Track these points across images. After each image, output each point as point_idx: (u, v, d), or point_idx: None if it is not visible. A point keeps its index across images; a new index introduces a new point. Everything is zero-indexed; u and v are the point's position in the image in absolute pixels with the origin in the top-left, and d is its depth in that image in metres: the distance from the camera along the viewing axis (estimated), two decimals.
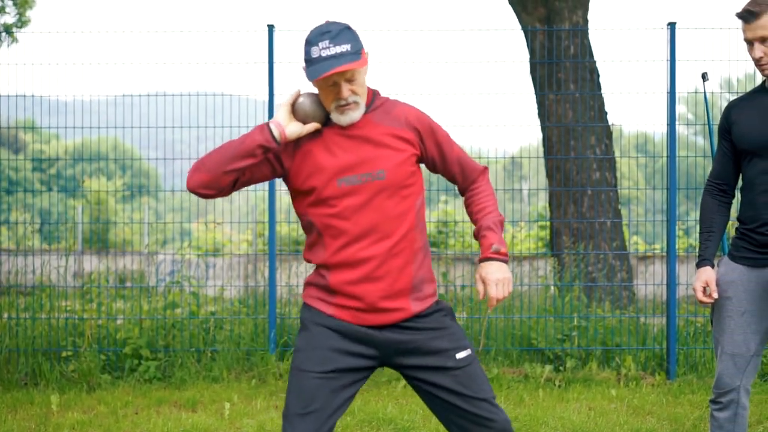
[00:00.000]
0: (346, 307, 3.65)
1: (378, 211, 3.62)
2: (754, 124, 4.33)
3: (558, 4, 11.23)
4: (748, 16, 4.23)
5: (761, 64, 4.27)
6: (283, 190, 10.28)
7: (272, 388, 7.92)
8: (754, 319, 4.35)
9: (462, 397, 3.67)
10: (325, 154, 3.65)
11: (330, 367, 3.62)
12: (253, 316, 8.81)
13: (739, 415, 4.43)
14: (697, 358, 8.55)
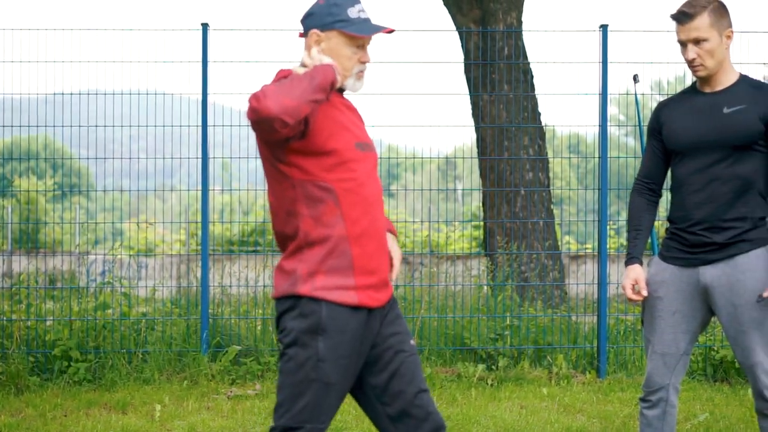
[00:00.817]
0: (365, 287, 3.53)
1: (376, 181, 3.67)
2: (686, 125, 4.38)
3: (492, 6, 11.29)
4: (683, 18, 4.28)
5: (694, 66, 4.33)
6: (217, 190, 10.20)
7: (204, 389, 7.86)
8: (685, 319, 4.40)
9: (407, 383, 3.64)
10: (339, 117, 3.61)
11: (352, 378, 3.58)
12: (185, 316, 8.74)
13: (668, 413, 4.48)
14: (627, 356, 8.64)
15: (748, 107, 4.29)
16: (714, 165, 4.30)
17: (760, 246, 4.30)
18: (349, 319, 3.50)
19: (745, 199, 4.30)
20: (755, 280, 4.26)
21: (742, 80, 4.39)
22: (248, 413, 7.05)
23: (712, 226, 4.31)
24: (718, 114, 4.32)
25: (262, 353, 8.46)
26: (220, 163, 10.69)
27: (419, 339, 8.57)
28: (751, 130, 4.26)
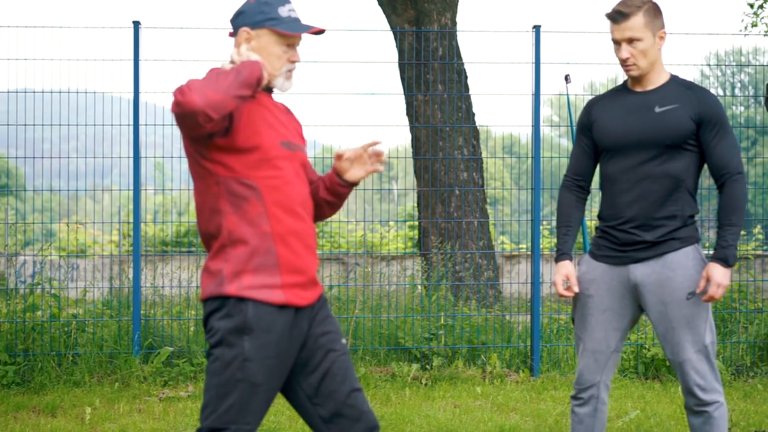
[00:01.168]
0: (291, 286, 3.50)
1: (303, 181, 3.64)
2: (617, 123, 4.43)
3: (427, 6, 11.30)
4: (618, 17, 4.34)
5: (627, 65, 4.39)
6: (150, 190, 10.09)
7: (135, 391, 7.77)
8: (615, 317, 4.45)
9: (341, 382, 3.63)
10: (266, 115, 3.59)
11: (281, 378, 3.55)
12: (116, 318, 8.64)
13: (599, 410, 4.53)
14: (560, 354, 8.71)
15: (679, 107, 4.35)
16: (645, 163, 4.36)
17: (689, 244, 4.38)
18: (275, 318, 3.47)
19: (675, 197, 4.36)
20: (684, 278, 4.33)
21: (673, 80, 4.46)
22: (180, 415, 6.98)
23: (642, 224, 4.37)
24: (649, 113, 4.37)
25: (194, 354, 8.39)
26: (152, 163, 10.58)
27: (353, 339, 8.55)
28: (682, 130, 4.32)
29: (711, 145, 4.35)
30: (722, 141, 4.34)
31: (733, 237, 4.28)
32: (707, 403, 4.38)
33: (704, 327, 4.37)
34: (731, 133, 4.39)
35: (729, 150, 4.35)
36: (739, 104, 30.80)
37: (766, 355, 8.64)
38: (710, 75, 44.57)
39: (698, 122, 4.34)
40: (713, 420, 4.38)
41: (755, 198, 12.61)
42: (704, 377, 4.36)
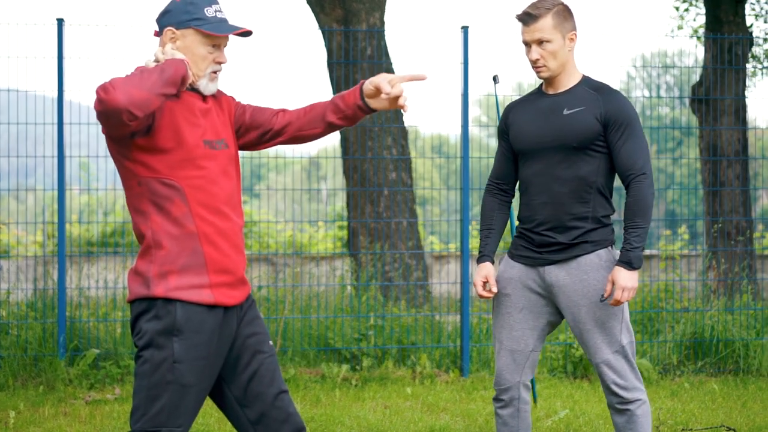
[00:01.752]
0: (219, 285, 3.48)
1: (231, 179, 3.60)
2: (529, 127, 4.49)
3: (355, 6, 11.27)
4: (527, 19, 4.39)
5: (537, 66, 4.43)
6: (75, 190, 9.94)
7: (61, 394, 7.64)
8: (532, 316, 4.51)
9: (268, 384, 3.60)
10: (188, 114, 3.54)
11: (212, 378, 3.52)
12: (41, 320, 8.49)
13: (521, 410, 4.57)
14: (490, 354, 8.73)
15: (586, 109, 4.39)
16: (554, 166, 4.42)
17: (602, 246, 4.43)
18: (205, 318, 3.44)
19: (586, 199, 4.41)
20: (597, 281, 4.38)
21: (584, 81, 4.50)
22: (107, 418, 6.88)
23: (555, 226, 4.42)
24: (558, 115, 4.42)
25: (121, 356, 8.28)
26: (77, 163, 10.43)
27: (283, 340, 8.50)
28: (588, 132, 4.37)
29: (617, 146, 4.39)
30: (628, 142, 4.38)
31: (637, 239, 4.33)
32: (629, 401, 4.43)
33: (620, 328, 4.42)
34: (639, 135, 4.42)
35: (634, 151, 4.38)
36: (665, 105, 31.24)
37: (692, 354, 8.75)
38: (636, 76, 45.06)
39: (604, 124, 4.38)
40: (636, 418, 4.45)
41: (681, 198, 12.77)
42: (624, 377, 4.41)
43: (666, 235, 15.40)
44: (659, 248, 13.32)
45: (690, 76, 13.82)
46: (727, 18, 13.24)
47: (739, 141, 12.47)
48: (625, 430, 4.48)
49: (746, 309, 9.13)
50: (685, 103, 15.18)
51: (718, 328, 8.72)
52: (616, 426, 4.51)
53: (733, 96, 12.44)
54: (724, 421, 6.59)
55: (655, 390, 7.89)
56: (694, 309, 8.99)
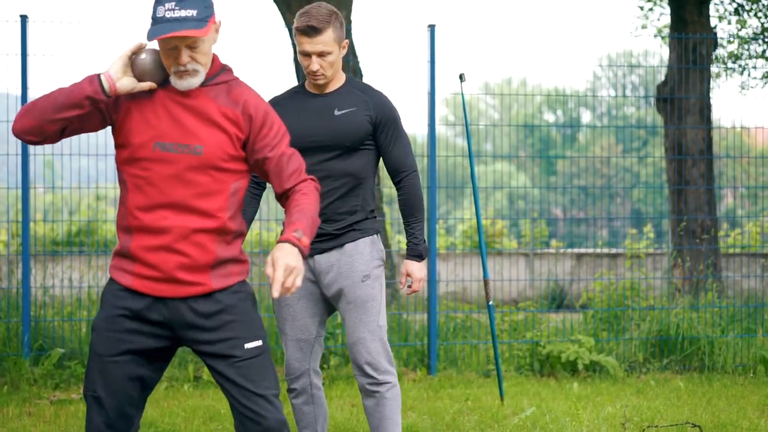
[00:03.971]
0: (143, 277, 3.58)
1: (187, 185, 3.56)
2: (300, 125, 4.66)
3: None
4: (310, 32, 4.52)
5: (316, 76, 4.59)
6: (39, 188, 9.85)
7: (25, 394, 7.57)
8: (310, 304, 4.74)
9: (239, 389, 3.60)
10: (150, 114, 3.58)
11: (122, 348, 3.59)
12: (5, 319, 8.41)
13: (315, 396, 4.82)
14: (457, 353, 8.74)
15: (357, 110, 4.63)
16: (326, 162, 4.64)
17: (368, 235, 4.71)
18: (124, 297, 3.61)
19: (357, 193, 4.67)
20: (361, 263, 4.65)
21: (348, 83, 4.73)
22: (72, 418, 6.82)
23: (327, 218, 4.64)
24: (329, 116, 4.63)
25: (87, 356, 8.21)
26: (41, 161, 10.35)
27: None
28: (361, 132, 4.62)
29: (387, 146, 4.69)
30: (397, 142, 4.70)
31: (420, 231, 4.72)
32: (380, 382, 4.65)
33: (378, 309, 4.68)
34: (404, 134, 4.73)
35: (403, 150, 4.71)
36: (630, 105, 31.42)
37: (657, 352, 8.79)
38: (602, 76, 45.31)
39: (374, 124, 4.65)
40: (386, 401, 4.67)
41: (646, 197, 12.87)
42: (376, 357, 4.63)
43: (632, 234, 15.49)
44: (625, 247, 13.39)
45: (655, 76, 13.92)
46: (691, 18, 13.33)
47: (704, 140, 12.55)
48: (375, 413, 4.70)
49: (711, 307, 9.19)
50: (650, 102, 15.27)
51: (684, 326, 8.78)
52: (366, 409, 4.73)
53: (698, 95, 12.53)
54: (689, 418, 6.62)
55: (621, 387, 7.93)
56: (659, 307, 9.04)
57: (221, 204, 3.59)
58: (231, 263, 3.66)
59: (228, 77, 3.67)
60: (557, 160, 24.65)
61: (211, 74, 3.63)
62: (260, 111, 3.62)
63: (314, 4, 4.60)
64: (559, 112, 41.93)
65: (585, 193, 14.26)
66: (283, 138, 3.66)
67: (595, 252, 15.29)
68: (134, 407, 3.66)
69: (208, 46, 3.57)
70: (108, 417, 3.62)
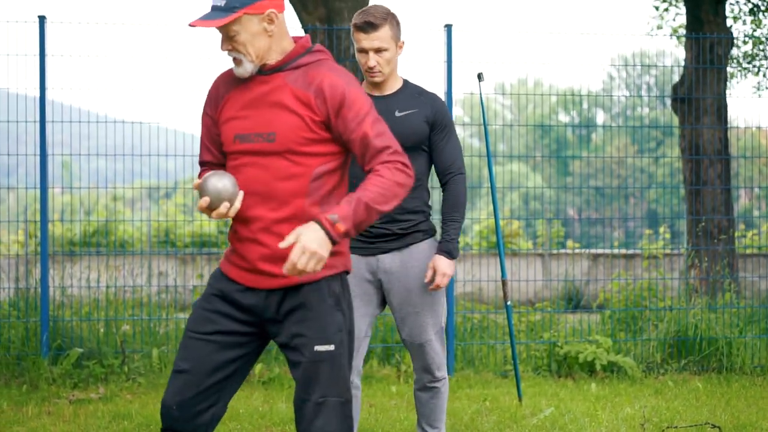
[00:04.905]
0: (236, 265, 3.63)
1: (265, 171, 3.53)
2: None
3: (338, 5, 11.27)
4: (367, 27, 4.63)
5: (373, 72, 4.70)
6: (57, 189, 9.85)
7: (45, 393, 7.60)
8: (363, 303, 4.79)
9: (302, 390, 3.53)
10: (234, 109, 3.62)
11: (208, 328, 3.61)
12: (23, 319, 8.45)
13: (354, 396, 4.84)
14: (474, 353, 8.74)
15: (417, 112, 4.75)
16: None
17: (430, 236, 4.86)
18: (223, 281, 3.67)
19: (418, 194, 4.77)
20: (427, 267, 4.76)
21: (406, 86, 4.85)
22: (91, 417, 6.85)
23: (392, 219, 4.74)
24: (390, 117, 4.69)
25: (105, 356, 8.24)
26: (59, 161, 10.39)
27: None
28: (420, 132, 4.73)
29: (439, 146, 4.78)
30: (449, 142, 4.80)
31: (455, 231, 4.78)
32: (439, 379, 4.91)
33: (441, 310, 4.86)
34: (456, 136, 4.85)
35: (454, 151, 4.82)
36: (645, 105, 31.35)
37: (675, 352, 8.78)
38: (616, 76, 45.24)
39: (431, 125, 4.76)
40: (440, 394, 4.95)
41: (662, 198, 12.82)
42: (440, 356, 4.87)
43: (648, 234, 15.46)
44: (641, 247, 13.34)
45: (670, 76, 13.87)
46: (707, 18, 13.30)
47: (721, 140, 12.52)
48: (428, 404, 4.94)
49: (729, 307, 9.17)
50: (665, 103, 15.23)
51: (702, 327, 8.76)
52: (420, 400, 4.96)
53: (714, 96, 12.49)
54: (708, 419, 6.61)
55: (639, 388, 7.92)
56: (677, 307, 9.02)
57: (300, 189, 3.51)
58: None
59: (311, 59, 3.58)
60: (572, 161, 24.62)
61: (291, 57, 3.57)
62: (337, 91, 3.49)
63: (372, 4, 4.73)
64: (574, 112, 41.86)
65: (600, 194, 14.22)
66: (365, 118, 3.48)
67: (610, 252, 15.27)
68: (213, 391, 3.60)
69: (248, 35, 3.50)
70: (181, 392, 3.58)
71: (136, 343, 8.58)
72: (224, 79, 3.71)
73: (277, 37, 3.56)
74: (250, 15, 3.49)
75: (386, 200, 3.40)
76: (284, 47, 3.58)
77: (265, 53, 3.54)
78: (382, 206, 3.39)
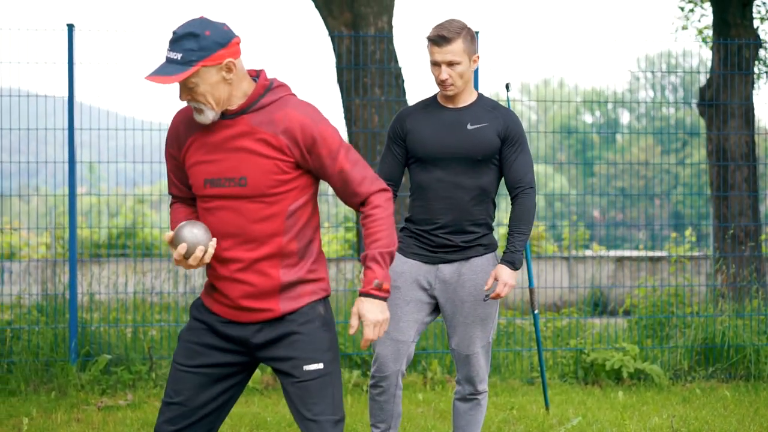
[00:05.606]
0: (217, 301, 3.67)
1: (240, 215, 3.57)
2: (434, 136, 4.83)
3: (363, 9, 11.27)
4: (440, 41, 4.69)
5: (446, 85, 4.75)
6: (84, 194, 9.93)
7: (73, 399, 7.64)
8: (416, 309, 4.87)
9: (294, 410, 3.63)
10: (200, 153, 3.61)
11: (197, 361, 3.67)
12: (52, 325, 8.49)
13: (396, 396, 4.98)
14: (500, 359, 8.73)
15: (488, 125, 4.78)
16: (459, 175, 4.81)
17: (492, 250, 4.92)
18: (203, 312, 3.71)
19: (482, 207, 4.85)
20: (484, 281, 4.83)
21: (480, 100, 4.89)
22: (120, 425, 6.88)
23: (455, 230, 4.81)
24: (463, 129, 4.78)
25: (132, 362, 8.28)
26: (85, 166, 10.44)
27: None
28: (491, 146, 4.77)
29: (510, 159, 4.81)
30: (520, 157, 4.82)
31: (521, 243, 4.78)
32: (481, 392, 5.00)
33: (492, 326, 4.92)
34: (528, 151, 4.86)
35: (525, 165, 4.83)
36: (670, 107, 31.21)
37: (703, 360, 8.74)
38: (641, 78, 45.00)
39: (503, 139, 4.79)
40: (480, 407, 5.03)
41: (686, 200, 12.79)
42: (484, 369, 4.96)
43: (673, 238, 15.39)
44: (667, 251, 13.26)
45: (695, 78, 13.80)
46: (734, 21, 13.21)
47: (747, 144, 12.45)
48: (465, 415, 5.02)
49: (757, 314, 9.11)
50: (690, 104, 15.14)
51: (729, 334, 8.72)
52: (458, 410, 5.04)
53: (742, 101, 12.41)
54: (737, 429, 6.59)
55: (667, 396, 7.89)
56: (704, 314, 8.97)
57: (276, 228, 3.56)
58: (300, 284, 3.63)
59: (273, 97, 3.57)
60: (596, 161, 24.55)
61: (252, 99, 3.56)
62: (307, 133, 3.53)
63: (449, 18, 4.76)
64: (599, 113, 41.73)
65: (624, 196, 14.17)
66: (338, 152, 3.56)
67: (636, 256, 15.21)
68: (206, 421, 3.71)
69: (207, 86, 3.48)
70: (174, 422, 3.68)
71: (163, 349, 8.62)
72: (184, 120, 3.69)
73: (237, 83, 3.55)
74: (207, 67, 3.47)
75: (394, 237, 3.62)
76: (245, 90, 3.57)
77: (225, 100, 3.54)
78: (394, 244, 3.61)
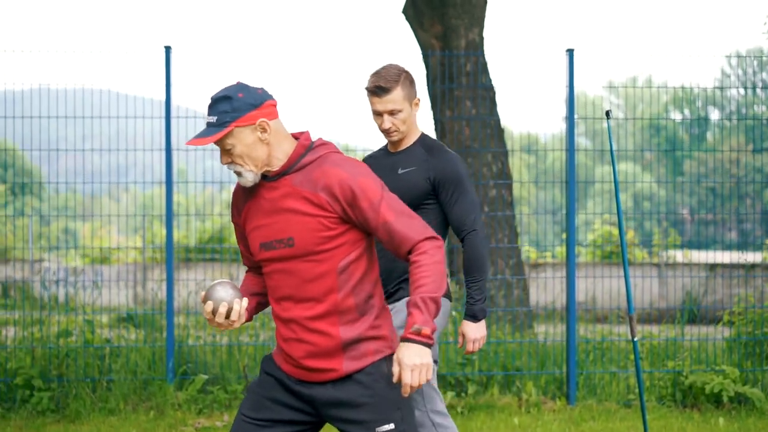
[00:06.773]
0: (285, 361, 3.72)
1: (293, 275, 3.63)
2: None
3: (454, 21, 11.22)
4: (379, 91, 4.68)
5: (389, 133, 4.74)
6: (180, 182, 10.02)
7: (171, 420, 7.74)
8: None
9: None
10: (255, 219, 3.69)
11: (262, 415, 3.71)
12: (149, 343, 8.60)
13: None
14: (597, 381, 8.62)
15: (417, 169, 4.72)
16: None
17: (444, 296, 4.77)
18: (273, 367, 3.77)
19: None
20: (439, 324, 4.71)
21: (419, 141, 4.81)
22: None
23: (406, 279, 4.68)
24: (393, 175, 4.75)
25: (228, 381, 8.35)
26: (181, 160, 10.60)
27: None
28: (418, 191, 4.70)
29: (448, 204, 4.71)
30: (458, 201, 4.70)
31: (477, 292, 4.69)
32: None
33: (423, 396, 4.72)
34: (468, 192, 4.72)
35: (465, 209, 4.70)
36: (761, 103, 30.63)
37: None
38: (731, 74, 44.27)
39: (434, 184, 4.70)
40: None
41: None
42: None
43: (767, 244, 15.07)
44: (764, 259, 12.91)
45: None
46: None
47: None
48: None
49: None
50: None
51: None
52: None
53: None
54: None
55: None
56: None
57: (330, 285, 3.59)
58: (364, 342, 3.64)
59: (314, 156, 3.62)
60: (684, 160, 24.22)
61: (293, 159, 3.61)
62: (345, 187, 3.54)
63: (385, 65, 4.74)
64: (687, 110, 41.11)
65: (713, 194, 13.93)
66: (380, 204, 3.56)
67: (729, 263, 14.91)
68: None
69: (243, 147, 3.56)
70: None
71: (257, 367, 8.67)
72: (242, 188, 3.79)
73: (275, 143, 3.60)
74: (241, 127, 3.53)
75: (440, 283, 3.52)
76: (285, 150, 3.62)
77: (264, 161, 3.60)
78: (440, 290, 3.51)
